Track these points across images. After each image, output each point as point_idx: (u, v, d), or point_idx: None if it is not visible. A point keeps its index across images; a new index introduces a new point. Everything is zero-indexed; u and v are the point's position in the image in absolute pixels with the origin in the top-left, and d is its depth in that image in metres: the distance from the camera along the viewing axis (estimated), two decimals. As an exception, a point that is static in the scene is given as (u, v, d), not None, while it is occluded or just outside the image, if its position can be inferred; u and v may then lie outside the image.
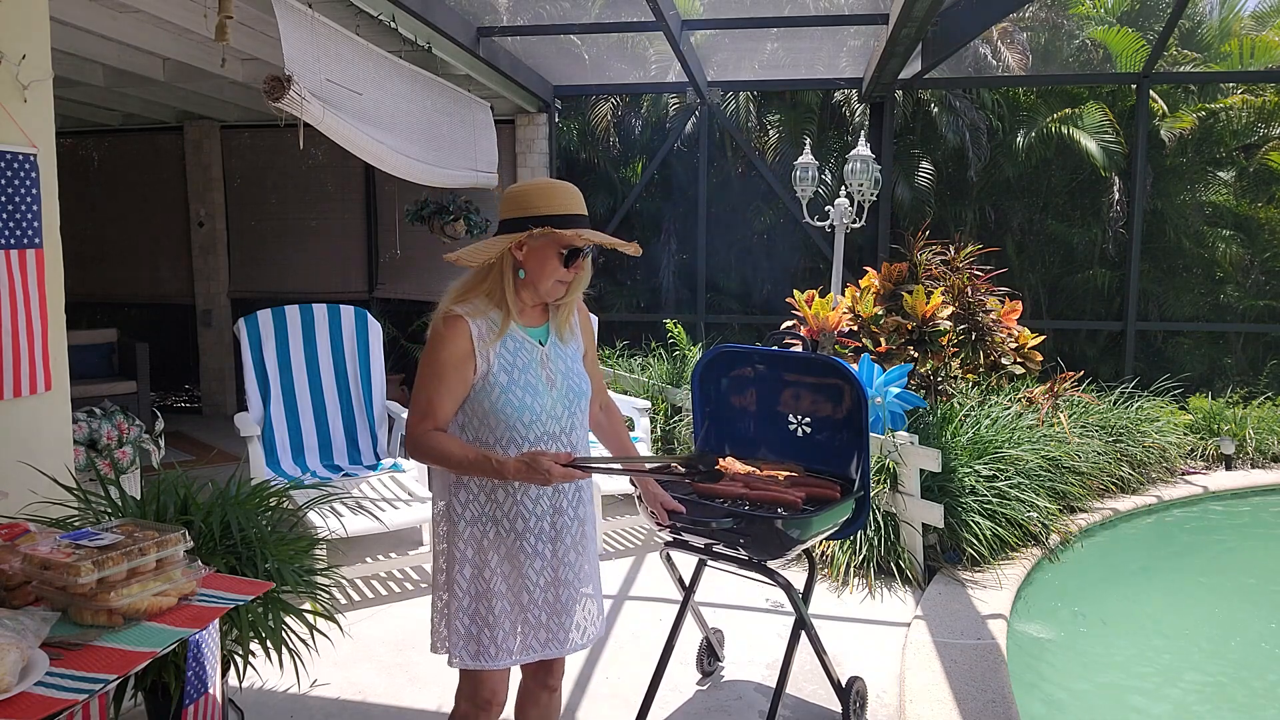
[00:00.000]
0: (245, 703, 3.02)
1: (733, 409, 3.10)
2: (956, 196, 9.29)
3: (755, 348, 3.12)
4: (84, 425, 4.13)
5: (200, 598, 1.99)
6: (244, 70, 5.89)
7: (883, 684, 3.37)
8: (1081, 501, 5.41)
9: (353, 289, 8.48)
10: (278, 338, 4.83)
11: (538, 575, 2.13)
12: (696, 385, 3.05)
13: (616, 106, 9.72)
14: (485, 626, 2.10)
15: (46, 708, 1.52)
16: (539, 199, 2.02)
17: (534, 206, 2.02)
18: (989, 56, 9.20)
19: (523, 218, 2.01)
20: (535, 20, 7.02)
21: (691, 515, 2.60)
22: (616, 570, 4.48)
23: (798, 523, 2.58)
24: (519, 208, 2.03)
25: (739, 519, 2.56)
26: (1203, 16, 9.96)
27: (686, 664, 3.48)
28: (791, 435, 3.00)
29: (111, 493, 2.76)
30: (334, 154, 7.85)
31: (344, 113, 4.26)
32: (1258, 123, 8.96)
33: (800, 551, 2.71)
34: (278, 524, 2.94)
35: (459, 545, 2.11)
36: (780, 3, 6.88)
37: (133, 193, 8.73)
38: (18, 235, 2.92)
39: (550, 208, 2.02)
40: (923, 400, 4.92)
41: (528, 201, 2.03)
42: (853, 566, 4.37)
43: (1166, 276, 9.04)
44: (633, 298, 9.77)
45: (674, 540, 2.77)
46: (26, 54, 2.95)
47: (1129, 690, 3.62)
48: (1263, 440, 6.70)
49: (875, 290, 5.79)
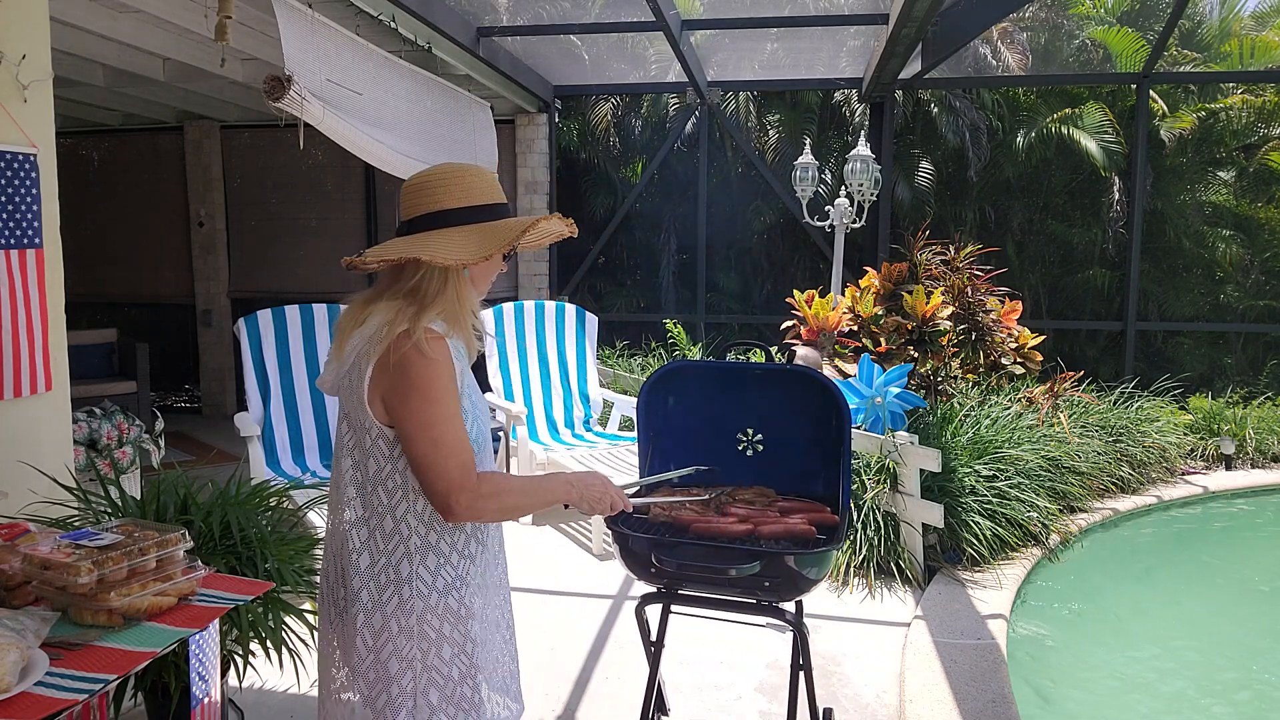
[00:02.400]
0: (245, 703, 3.02)
1: (680, 431, 2.66)
2: (956, 196, 9.28)
3: (705, 361, 2.85)
4: (84, 425, 4.13)
5: (200, 598, 1.99)
6: (244, 70, 5.90)
7: (883, 684, 3.37)
8: (1081, 501, 5.41)
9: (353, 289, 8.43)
10: (278, 338, 4.83)
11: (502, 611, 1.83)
12: (642, 410, 2.62)
13: (616, 106, 9.72)
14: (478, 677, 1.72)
15: (46, 708, 1.51)
16: (493, 185, 1.76)
17: (496, 194, 1.75)
18: (989, 56, 9.20)
19: (501, 204, 1.75)
20: (535, 20, 7.02)
21: (702, 562, 2.21)
22: (616, 570, 4.48)
23: (820, 557, 2.23)
24: (497, 191, 1.75)
25: (762, 558, 2.14)
26: (1203, 16, 9.96)
27: (686, 664, 3.48)
28: (741, 455, 2.62)
29: (111, 493, 2.76)
30: (334, 154, 7.86)
31: (344, 113, 4.26)
32: (1258, 123, 8.96)
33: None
34: (278, 524, 2.94)
35: (428, 625, 1.65)
36: (780, 3, 6.88)
37: (133, 193, 8.74)
38: (18, 235, 2.92)
39: (500, 194, 1.76)
40: (923, 400, 4.92)
41: (496, 187, 1.76)
42: (852, 566, 4.38)
43: (1166, 276, 9.04)
44: (633, 298, 9.77)
45: (663, 593, 2.36)
46: (26, 54, 2.95)
47: (1129, 690, 3.62)
48: (1263, 440, 6.70)
49: (875, 290, 5.79)
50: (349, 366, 1.66)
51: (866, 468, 4.61)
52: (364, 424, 1.64)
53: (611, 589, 4.27)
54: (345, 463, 1.68)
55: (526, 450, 5.30)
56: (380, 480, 1.65)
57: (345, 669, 1.70)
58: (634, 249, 9.88)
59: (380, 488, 1.65)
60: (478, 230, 1.69)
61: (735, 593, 2.30)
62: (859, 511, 4.43)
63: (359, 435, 1.66)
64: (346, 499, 1.68)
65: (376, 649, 1.65)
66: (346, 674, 1.69)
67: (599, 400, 6.10)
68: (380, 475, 1.65)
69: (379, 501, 1.65)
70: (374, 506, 1.66)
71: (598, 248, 8.61)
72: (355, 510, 1.67)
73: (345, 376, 1.67)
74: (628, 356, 7.79)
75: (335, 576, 1.72)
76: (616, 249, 9.71)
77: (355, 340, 1.65)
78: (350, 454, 1.67)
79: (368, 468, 1.65)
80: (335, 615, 1.72)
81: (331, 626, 1.73)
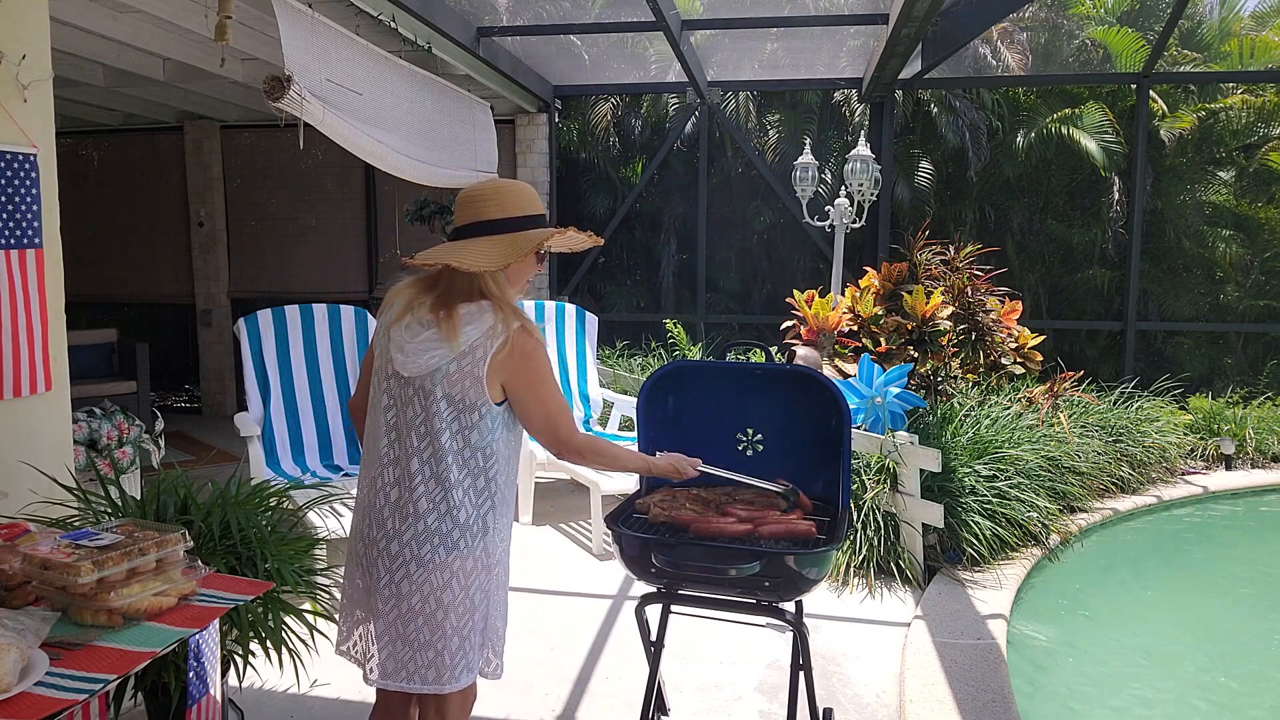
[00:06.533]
0: (245, 703, 3.02)
1: (680, 431, 2.66)
2: (956, 196, 9.28)
3: (705, 361, 2.86)
4: (84, 425, 4.13)
5: (200, 598, 1.99)
6: (244, 70, 5.89)
7: (883, 684, 3.37)
8: (1081, 501, 5.41)
9: (353, 289, 8.48)
10: (278, 338, 4.83)
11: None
12: (642, 410, 2.65)
13: (616, 106, 9.72)
14: (496, 626, 2.10)
15: (46, 708, 1.51)
16: (529, 199, 2.07)
17: (531, 207, 2.07)
18: (989, 56, 9.20)
19: (536, 215, 2.06)
20: (535, 20, 7.02)
21: (702, 562, 2.23)
22: (616, 570, 4.48)
23: (820, 557, 2.25)
24: (533, 205, 2.07)
25: (762, 558, 2.16)
26: (1203, 16, 9.95)
27: (686, 663, 3.48)
28: (741, 455, 2.63)
29: (111, 493, 2.76)
30: (334, 154, 7.85)
31: (344, 113, 4.26)
32: (1258, 123, 8.96)
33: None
34: (278, 524, 2.94)
35: (476, 559, 2.00)
36: (780, 3, 6.88)
37: (133, 193, 8.74)
38: (18, 235, 2.92)
39: (535, 207, 2.08)
40: (923, 400, 4.92)
41: (533, 201, 2.08)
42: (852, 566, 4.38)
43: (1166, 276, 9.04)
44: (633, 298, 9.77)
45: (663, 593, 2.38)
46: (26, 54, 2.95)
47: (1129, 689, 3.62)
48: (1263, 440, 6.70)
49: (875, 290, 5.79)
50: (458, 356, 1.94)
51: (866, 468, 4.61)
52: (473, 402, 1.95)
53: (611, 589, 4.27)
54: (443, 435, 1.96)
55: (527, 450, 5.30)
56: (480, 447, 1.99)
57: (420, 617, 1.97)
58: (634, 249, 9.88)
59: (479, 453, 1.99)
60: (506, 239, 1.99)
61: (735, 593, 2.31)
62: (859, 511, 4.43)
63: (461, 411, 1.96)
64: (441, 468, 1.96)
65: (467, 586, 1.98)
66: (425, 619, 1.97)
67: (599, 400, 6.11)
68: (481, 443, 1.99)
69: (476, 465, 1.99)
70: (471, 468, 1.99)
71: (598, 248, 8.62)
72: (454, 474, 1.97)
73: (454, 363, 1.94)
74: (628, 356, 7.79)
75: (413, 535, 1.97)
76: (616, 249, 9.71)
77: (470, 333, 1.94)
78: (449, 427, 1.97)
79: (469, 438, 1.98)
80: (415, 569, 1.97)
81: (410, 583, 1.97)
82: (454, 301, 1.98)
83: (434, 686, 1.98)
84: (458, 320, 1.94)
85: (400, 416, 2.00)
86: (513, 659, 3.51)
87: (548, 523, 5.30)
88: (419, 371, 1.97)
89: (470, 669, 2.02)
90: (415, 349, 1.97)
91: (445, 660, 1.97)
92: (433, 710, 2.06)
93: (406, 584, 1.96)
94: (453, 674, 1.98)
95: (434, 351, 1.95)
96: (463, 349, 1.93)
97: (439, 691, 1.99)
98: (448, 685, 1.98)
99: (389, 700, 2.17)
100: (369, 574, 2.02)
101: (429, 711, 2.07)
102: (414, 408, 1.98)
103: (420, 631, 1.97)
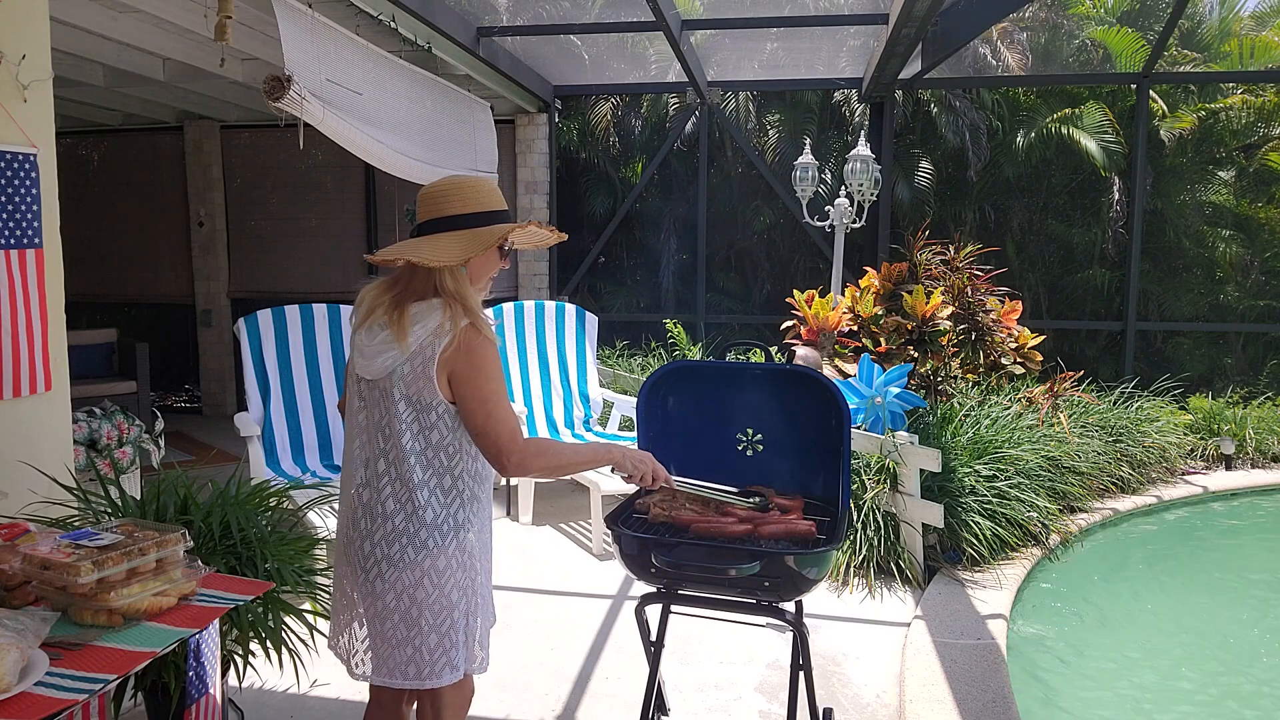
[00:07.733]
0: (245, 703, 3.02)
1: (680, 431, 2.66)
2: (956, 196, 9.28)
3: (705, 362, 2.85)
4: (84, 425, 4.13)
5: (200, 598, 1.99)
6: (244, 70, 5.89)
7: (883, 684, 3.37)
8: (1081, 501, 5.41)
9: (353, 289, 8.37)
10: (278, 338, 4.83)
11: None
12: (642, 410, 2.63)
13: (616, 106, 9.71)
14: (480, 622, 2.09)
15: (46, 708, 1.51)
16: (491, 194, 2.06)
17: (493, 202, 2.06)
18: (989, 56, 9.19)
19: (498, 210, 2.05)
20: (535, 20, 7.02)
21: (702, 562, 2.24)
22: (616, 570, 4.48)
23: (820, 557, 2.24)
24: (495, 200, 2.05)
25: (762, 558, 2.15)
26: (1203, 17, 9.95)
27: (686, 663, 3.48)
28: (741, 455, 2.63)
29: (111, 493, 2.76)
30: (334, 154, 7.85)
31: (344, 113, 4.26)
32: (1258, 123, 8.96)
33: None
34: (278, 524, 2.94)
35: (449, 557, 1.98)
36: (780, 3, 6.88)
37: (133, 193, 8.74)
38: (18, 235, 2.92)
39: (497, 202, 2.07)
40: (923, 400, 4.92)
41: (495, 197, 2.06)
42: (852, 566, 4.38)
43: (1166, 276, 9.04)
44: (633, 298, 9.76)
45: (663, 593, 2.37)
46: (26, 54, 2.95)
47: (1129, 689, 3.62)
48: (1263, 440, 6.70)
49: (875, 290, 5.79)
50: (409, 356, 1.92)
51: (866, 468, 4.61)
52: (429, 401, 1.93)
53: (611, 589, 4.27)
54: (404, 437, 1.95)
55: None
56: (442, 446, 1.97)
57: (396, 614, 1.96)
58: (634, 249, 9.88)
59: (442, 452, 1.97)
60: (468, 234, 1.98)
61: (735, 593, 2.31)
62: (859, 511, 4.43)
63: (420, 411, 1.95)
64: (404, 468, 1.95)
65: (441, 585, 1.97)
66: (400, 616, 1.96)
67: (599, 400, 6.10)
68: (443, 442, 1.97)
69: (441, 464, 1.97)
70: (435, 468, 1.97)
71: (598, 248, 8.61)
72: (417, 474, 1.96)
73: (406, 364, 1.92)
74: (628, 356, 7.78)
75: (383, 534, 1.97)
76: (616, 249, 9.71)
77: (418, 333, 1.91)
78: (409, 428, 1.95)
79: (430, 438, 1.96)
80: (387, 569, 1.96)
81: (384, 582, 1.97)
82: (406, 301, 1.96)
83: (415, 682, 1.98)
84: (407, 321, 1.93)
85: (369, 418, 2.01)
86: (513, 659, 3.52)
87: (548, 523, 5.30)
88: (378, 374, 1.97)
89: (454, 666, 2.00)
90: (373, 351, 1.97)
91: (424, 656, 1.97)
92: (428, 706, 2.06)
93: (380, 583, 1.97)
94: (434, 670, 1.98)
95: (388, 353, 1.95)
96: (413, 349, 1.92)
97: (420, 687, 1.99)
98: (429, 681, 1.98)
99: (381, 696, 2.19)
100: (350, 573, 2.04)
101: (424, 707, 2.07)
102: (380, 409, 1.99)
103: (397, 629, 1.97)
